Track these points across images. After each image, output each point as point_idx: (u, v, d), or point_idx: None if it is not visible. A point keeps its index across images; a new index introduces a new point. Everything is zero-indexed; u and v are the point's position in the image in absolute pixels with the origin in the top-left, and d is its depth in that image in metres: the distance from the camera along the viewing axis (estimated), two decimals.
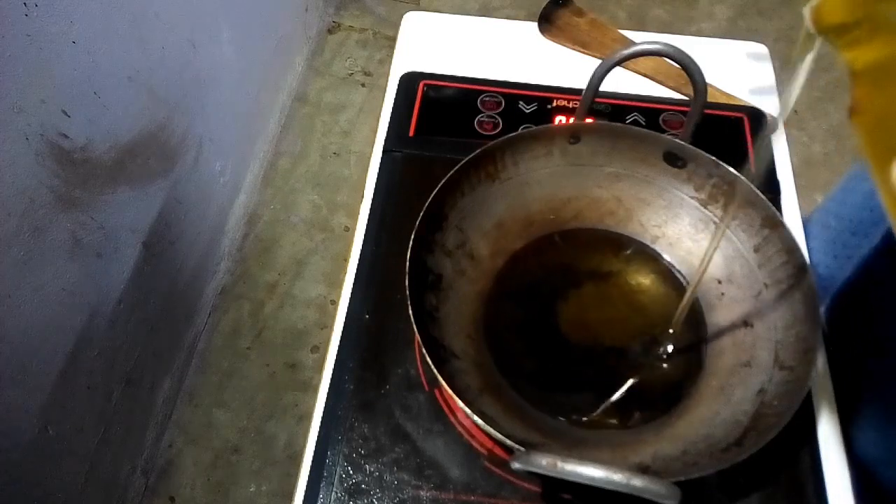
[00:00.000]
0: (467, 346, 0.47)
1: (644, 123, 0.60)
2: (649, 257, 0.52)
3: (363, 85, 1.53)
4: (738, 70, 0.67)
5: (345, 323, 0.51)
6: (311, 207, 1.36)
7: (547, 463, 0.34)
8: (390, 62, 0.68)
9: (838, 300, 0.58)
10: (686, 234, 0.52)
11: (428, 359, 0.40)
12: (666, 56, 0.46)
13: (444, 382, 0.40)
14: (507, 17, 0.73)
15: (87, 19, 0.72)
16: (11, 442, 0.72)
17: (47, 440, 0.78)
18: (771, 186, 0.57)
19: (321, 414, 0.47)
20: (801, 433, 0.46)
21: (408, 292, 0.42)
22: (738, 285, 0.48)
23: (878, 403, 0.49)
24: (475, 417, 0.38)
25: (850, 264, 0.58)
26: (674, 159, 0.50)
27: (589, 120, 0.52)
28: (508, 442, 0.38)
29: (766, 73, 0.67)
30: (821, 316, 0.42)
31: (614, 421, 0.45)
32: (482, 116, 0.60)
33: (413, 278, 0.43)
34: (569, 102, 0.61)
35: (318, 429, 0.46)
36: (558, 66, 0.67)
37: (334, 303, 1.24)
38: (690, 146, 0.49)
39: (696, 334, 0.49)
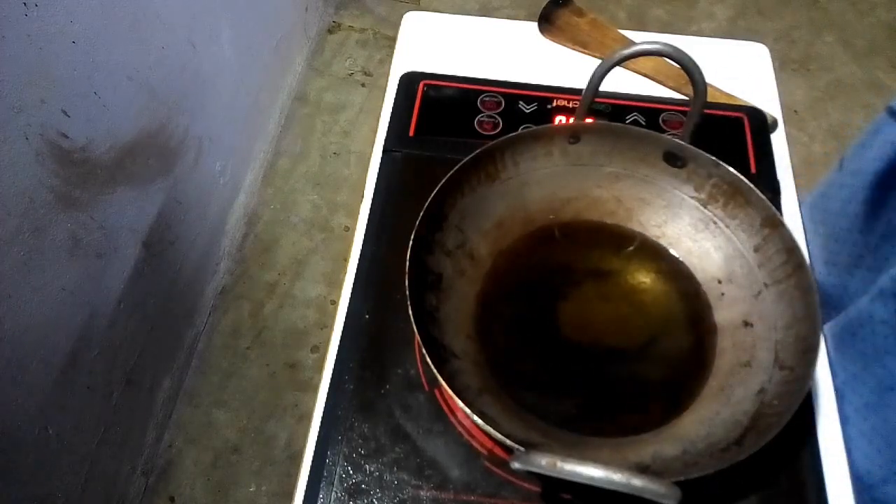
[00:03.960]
0: (467, 346, 0.47)
1: (644, 123, 0.60)
2: (652, 254, 0.52)
3: (363, 85, 1.53)
4: (738, 70, 0.67)
5: (345, 323, 0.51)
6: (311, 207, 1.36)
7: (547, 463, 0.34)
8: (390, 62, 0.68)
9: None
10: (686, 233, 0.52)
11: (428, 359, 0.40)
12: (666, 56, 0.46)
13: (444, 382, 0.40)
14: (507, 17, 0.73)
15: (87, 19, 0.72)
16: (11, 442, 0.72)
17: (47, 440, 0.78)
18: (771, 186, 0.57)
19: (321, 414, 0.47)
20: (801, 433, 0.46)
21: (408, 292, 0.42)
22: (738, 285, 0.48)
23: (874, 419, 0.49)
24: (475, 417, 0.38)
25: (836, 271, 0.57)
26: (674, 159, 0.50)
27: (589, 120, 0.52)
28: (508, 442, 0.38)
29: (766, 73, 0.67)
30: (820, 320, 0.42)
31: (613, 424, 0.45)
32: (482, 116, 0.60)
33: (413, 278, 0.43)
34: (569, 102, 0.61)
35: (318, 429, 0.46)
36: (558, 66, 0.67)
37: (334, 303, 1.24)
38: (690, 146, 0.49)
39: (697, 334, 0.49)
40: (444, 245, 0.48)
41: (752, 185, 0.47)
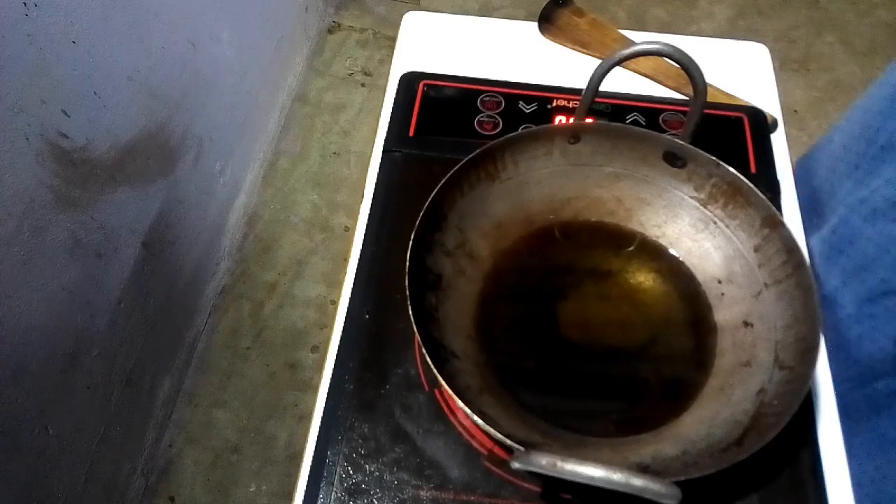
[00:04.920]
0: (467, 346, 0.47)
1: (644, 123, 0.60)
2: (652, 254, 0.52)
3: (363, 85, 1.53)
4: (738, 70, 0.67)
5: (345, 323, 0.51)
6: (311, 207, 1.36)
7: (547, 463, 0.34)
8: (390, 62, 0.68)
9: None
10: (686, 233, 0.52)
11: (428, 359, 0.40)
12: (666, 56, 0.46)
13: (444, 382, 0.40)
14: (507, 17, 0.73)
15: (87, 19, 0.72)
16: (11, 442, 0.72)
17: (47, 440, 0.78)
18: (771, 186, 0.57)
19: (321, 414, 0.47)
20: (801, 433, 0.46)
21: (408, 292, 0.42)
22: (738, 285, 0.48)
23: (857, 328, 0.50)
24: (475, 417, 0.38)
25: (833, 178, 0.58)
26: (674, 159, 0.50)
27: (589, 120, 0.52)
28: (508, 442, 0.38)
29: (766, 73, 0.67)
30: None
31: (613, 424, 0.45)
32: (482, 116, 0.60)
33: (413, 278, 0.43)
34: (569, 102, 0.61)
35: (318, 429, 0.46)
36: (558, 66, 0.67)
37: (334, 303, 1.24)
38: (690, 146, 0.49)
39: (697, 334, 0.49)
40: (444, 245, 0.48)
41: (752, 185, 0.47)
